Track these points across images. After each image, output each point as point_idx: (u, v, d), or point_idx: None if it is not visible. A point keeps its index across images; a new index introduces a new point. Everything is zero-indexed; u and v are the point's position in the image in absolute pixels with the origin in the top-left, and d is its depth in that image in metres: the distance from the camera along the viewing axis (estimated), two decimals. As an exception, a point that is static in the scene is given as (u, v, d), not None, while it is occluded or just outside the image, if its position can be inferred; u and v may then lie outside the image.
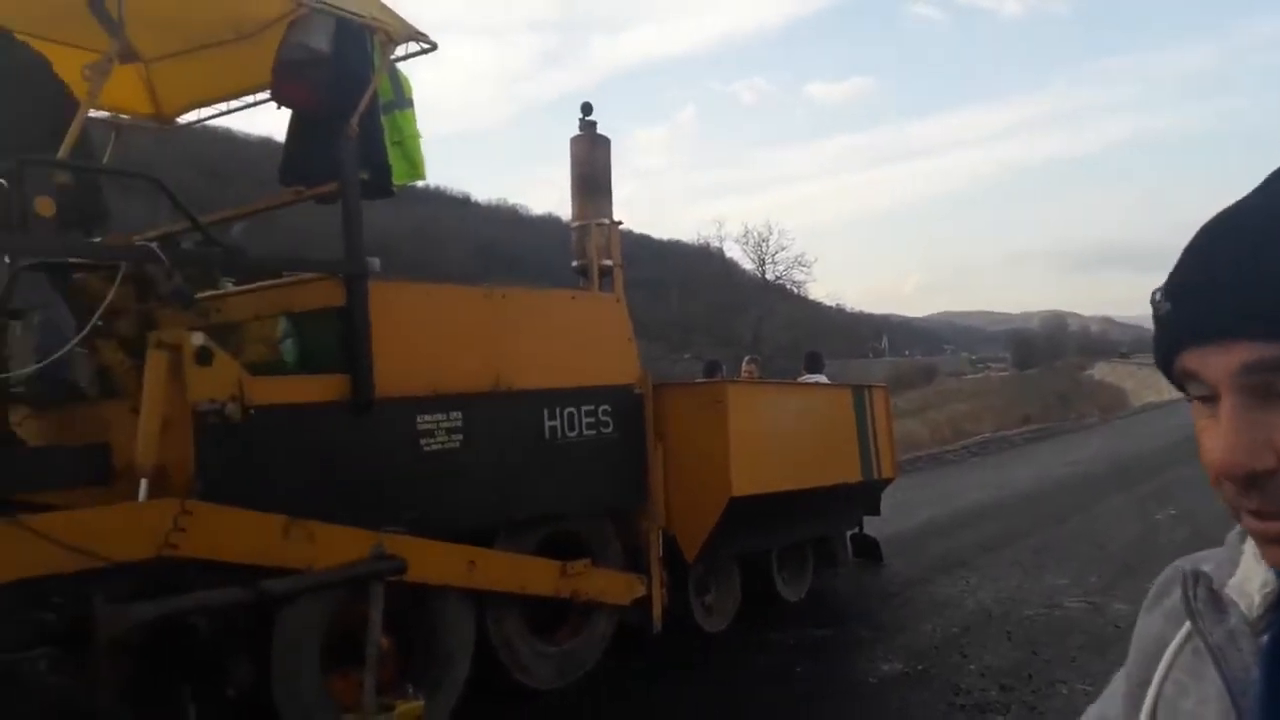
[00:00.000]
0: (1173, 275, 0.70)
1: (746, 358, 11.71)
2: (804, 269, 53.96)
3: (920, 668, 5.60)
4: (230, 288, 5.43)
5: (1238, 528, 0.77)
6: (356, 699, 4.29)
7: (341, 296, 4.60)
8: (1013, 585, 7.43)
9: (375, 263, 4.75)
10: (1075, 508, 11.04)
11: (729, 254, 58.95)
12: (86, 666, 3.38)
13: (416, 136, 5.36)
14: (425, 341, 4.89)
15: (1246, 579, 0.77)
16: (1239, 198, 0.70)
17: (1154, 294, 0.71)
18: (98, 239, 4.65)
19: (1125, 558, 8.19)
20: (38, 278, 4.39)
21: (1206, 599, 0.76)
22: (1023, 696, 5.02)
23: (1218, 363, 0.65)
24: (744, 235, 54.38)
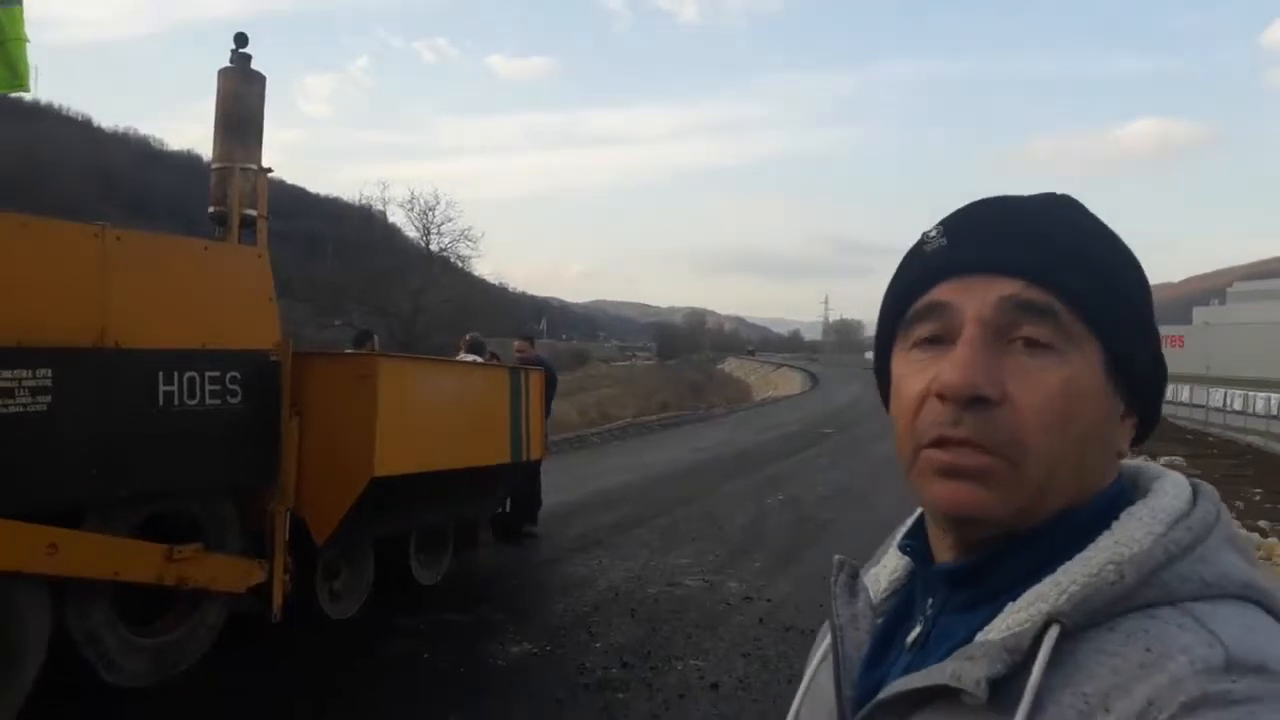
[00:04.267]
0: (954, 218, 0.75)
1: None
2: (470, 244, 53.02)
3: (549, 648, 5.70)
4: None
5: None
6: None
7: (-105, 219, 3.75)
8: (640, 564, 7.84)
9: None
10: (701, 490, 11.94)
11: (392, 219, 56.69)
12: None
13: (22, 40, 4.50)
14: (10, 283, 4.12)
15: (883, 567, 0.85)
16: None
17: (927, 232, 0.75)
18: None
19: (739, 539, 8.98)
20: None
21: (845, 584, 0.83)
22: (641, 674, 5.28)
23: (978, 293, 0.69)
24: (409, 201, 52.40)
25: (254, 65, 5.87)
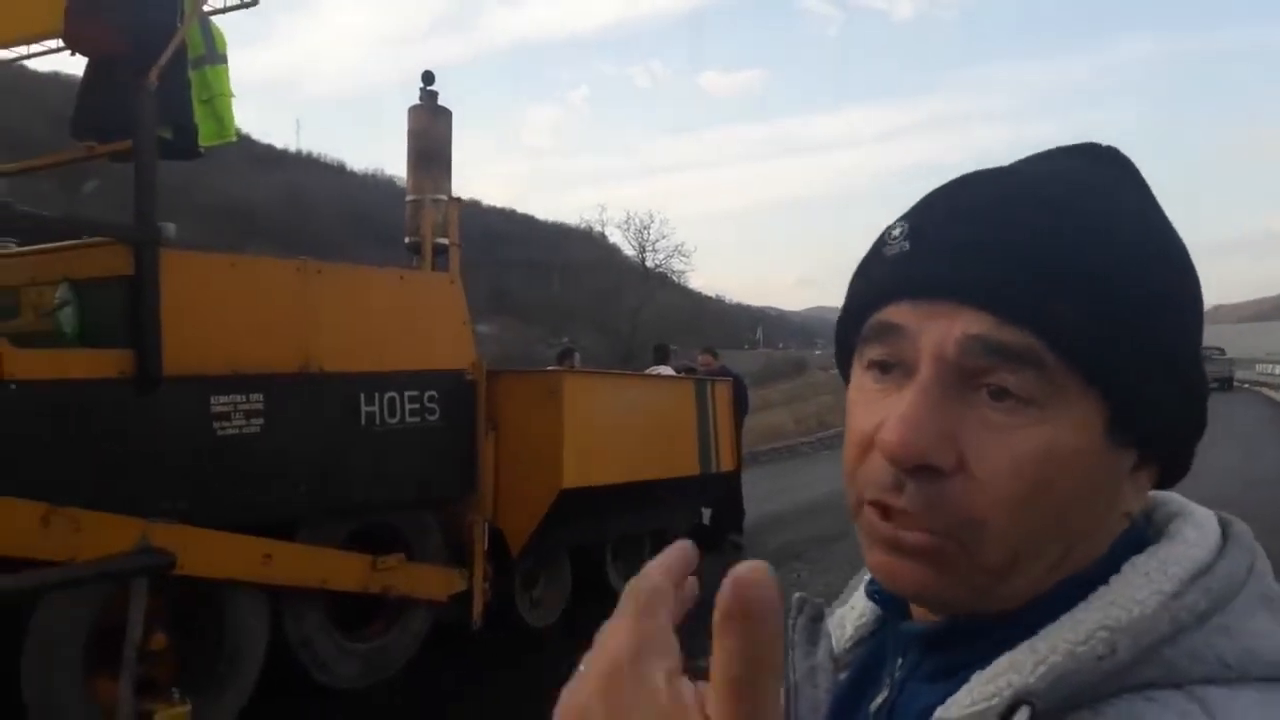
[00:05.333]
0: (922, 214, 0.59)
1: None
2: (684, 258, 54.12)
3: (738, 664, 5.59)
4: (12, 248, 4.99)
5: None
6: (127, 701, 3.97)
7: (129, 264, 4.24)
8: (838, 579, 7.46)
9: (170, 229, 4.40)
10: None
11: (611, 239, 58.80)
12: None
13: (228, 95, 4.99)
14: (225, 317, 4.56)
15: (851, 609, 0.72)
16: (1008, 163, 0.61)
17: (891, 229, 0.59)
18: None
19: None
20: None
21: (806, 628, 0.70)
22: (832, 694, 5.07)
23: (938, 323, 0.54)
24: (625, 222, 54.14)
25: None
